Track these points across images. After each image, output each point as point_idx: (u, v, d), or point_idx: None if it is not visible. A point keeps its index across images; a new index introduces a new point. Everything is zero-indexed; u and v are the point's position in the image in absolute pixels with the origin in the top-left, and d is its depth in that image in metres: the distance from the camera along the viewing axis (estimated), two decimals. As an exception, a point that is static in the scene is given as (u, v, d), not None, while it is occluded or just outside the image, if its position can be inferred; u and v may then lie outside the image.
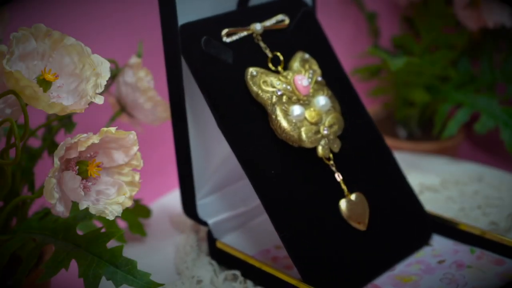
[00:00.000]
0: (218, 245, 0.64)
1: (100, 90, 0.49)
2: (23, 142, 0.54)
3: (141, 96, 0.65)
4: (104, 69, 0.50)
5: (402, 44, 0.90)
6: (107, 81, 0.49)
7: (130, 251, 0.67)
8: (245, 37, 0.62)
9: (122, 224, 0.71)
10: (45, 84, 0.48)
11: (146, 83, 0.65)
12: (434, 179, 0.77)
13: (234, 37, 0.62)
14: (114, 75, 0.67)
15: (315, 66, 0.64)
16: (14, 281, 0.53)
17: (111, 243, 0.51)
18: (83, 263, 0.50)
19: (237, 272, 0.62)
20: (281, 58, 0.63)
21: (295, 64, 0.63)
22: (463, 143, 0.96)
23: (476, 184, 0.76)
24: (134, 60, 0.65)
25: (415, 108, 0.89)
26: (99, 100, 0.49)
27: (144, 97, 0.65)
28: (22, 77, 0.45)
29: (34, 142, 0.68)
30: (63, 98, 0.49)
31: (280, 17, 0.64)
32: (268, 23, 0.63)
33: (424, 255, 0.62)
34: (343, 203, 0.60)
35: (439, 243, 0.64)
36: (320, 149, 0.60)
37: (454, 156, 0.87)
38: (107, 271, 0.49)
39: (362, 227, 0.60)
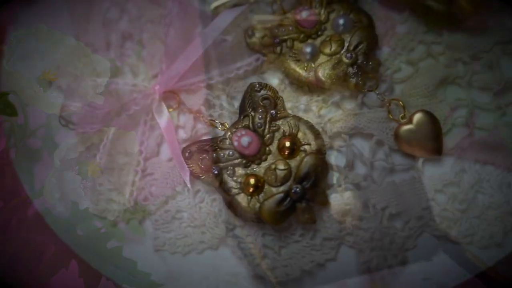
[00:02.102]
0: None
1: (100, 90, 0.49)
2: (23, 142, 0.54)
3: None
4: (104, 69, 0.50)
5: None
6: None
7: (130, 251, 0.67)
8: None
9: (122, 224, 0.71)
10: (45, 84, 0.48)
11: None
12: None
13: None
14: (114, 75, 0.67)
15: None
16: (14, 281, 0.53)
17: (111, 243, 0.51)
18: (83, 263, 0.50)
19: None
20: None
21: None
22: (463, 143, 0.96)
23: None
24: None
25: (415, 108, 0.89)
26: (99, 100, 0.49)
27: None
28: (22, 77, 0.45)
29: (34, 142, 0.68)
30: (63, 98, 0.49)
31: None
32: None
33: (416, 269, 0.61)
34: (334, 197, 0.60)
35: (441, 260, 0.62)
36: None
37: (454, 156, 0.87)
38: (107, 271, 0.49)
39: (348, 223, 0.60)
